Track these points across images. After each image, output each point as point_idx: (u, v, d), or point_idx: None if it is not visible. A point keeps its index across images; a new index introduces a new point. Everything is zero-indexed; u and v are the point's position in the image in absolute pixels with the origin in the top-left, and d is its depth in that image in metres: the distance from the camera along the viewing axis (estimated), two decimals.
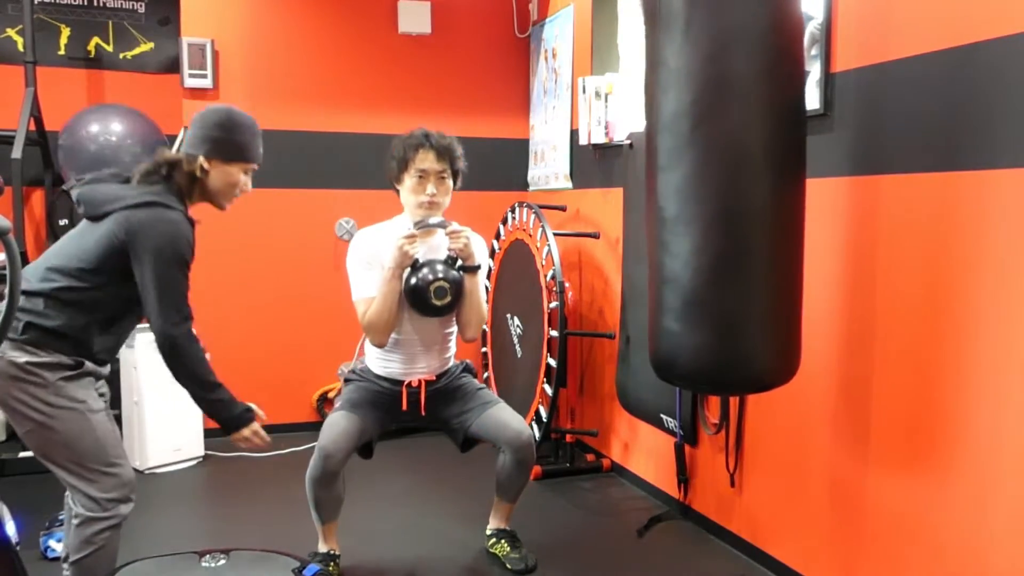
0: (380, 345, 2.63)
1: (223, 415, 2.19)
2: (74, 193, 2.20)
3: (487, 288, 4.14)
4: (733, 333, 1.99)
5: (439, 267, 2.57)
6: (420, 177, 2.60)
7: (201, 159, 2.18)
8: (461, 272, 2.61)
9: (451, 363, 2.79)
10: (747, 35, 1.91)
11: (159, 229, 2.03)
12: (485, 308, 2.75)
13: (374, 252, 2.62)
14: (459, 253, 2.60)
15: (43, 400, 2.00)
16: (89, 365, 2.09)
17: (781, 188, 1.98)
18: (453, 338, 2.77)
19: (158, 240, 2.03)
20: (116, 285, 2.07)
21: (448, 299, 2.56)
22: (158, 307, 2.03)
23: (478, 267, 2.66)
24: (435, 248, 2.66)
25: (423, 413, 2.71)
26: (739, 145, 1.93)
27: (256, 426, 2.26)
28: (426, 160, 2.60)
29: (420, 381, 2.69)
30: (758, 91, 1.93)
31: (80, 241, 2.10)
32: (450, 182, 2.66)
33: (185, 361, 2.09)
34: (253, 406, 2.28)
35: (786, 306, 2.04)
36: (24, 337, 2.00)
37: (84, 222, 2.15)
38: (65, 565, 2.13)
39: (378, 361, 2.70)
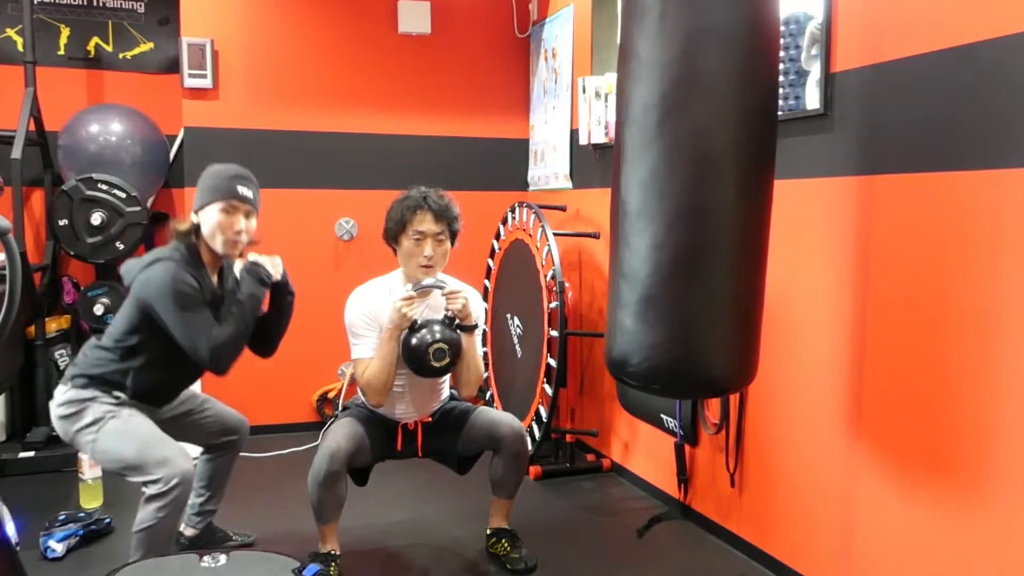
0: (378, 405, 2.65)
1: (256, 295, 2.42)
2: (121, 270, 2.48)
3: (487, 287, 4.14)
4: (688, 332, 1.93)
5: (437, 328, 2.56)
6: (418, 239, 2.60)
7: (192, 215, 2.44)
8: (459, 332, 2.61)
9: (444, 397, 2.83)
10: (721, 32, 1.87)
11: (156, 279, 2.29)
12: (482, 366, 2.76)
13: (372, 311, 2.64)
14: (457, 314, 2.61)
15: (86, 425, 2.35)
16: (125, 398, 2.41)
17: (746, 188, 1.93)
18: (447, 382, 2.81)
19: (158, 288, 2.28)
20: (148, 336, 2.36)
21: (447, 361, 2.56)
22: (186, 343, 2.29)
23: (475, 326, 2.68)
24: (432, 307, 2.67)
25: (420, 455, 2.78)
26: (706, 142, 1.89)
27: (265, 262, 2.48)
28: (424, 222, 2.60)
29: (416, 423, 2.74)
30: (728, 89, 1.89)
31: (122, 310, 2.43)
32: (448, 244, 2.67)
33: (233, 355, 2.36)
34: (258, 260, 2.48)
35: (745, 307, 1.98)
36: (71, 383, 2.38)
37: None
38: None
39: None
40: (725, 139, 1.90)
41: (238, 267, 2.50)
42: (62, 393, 2.40)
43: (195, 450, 2.66)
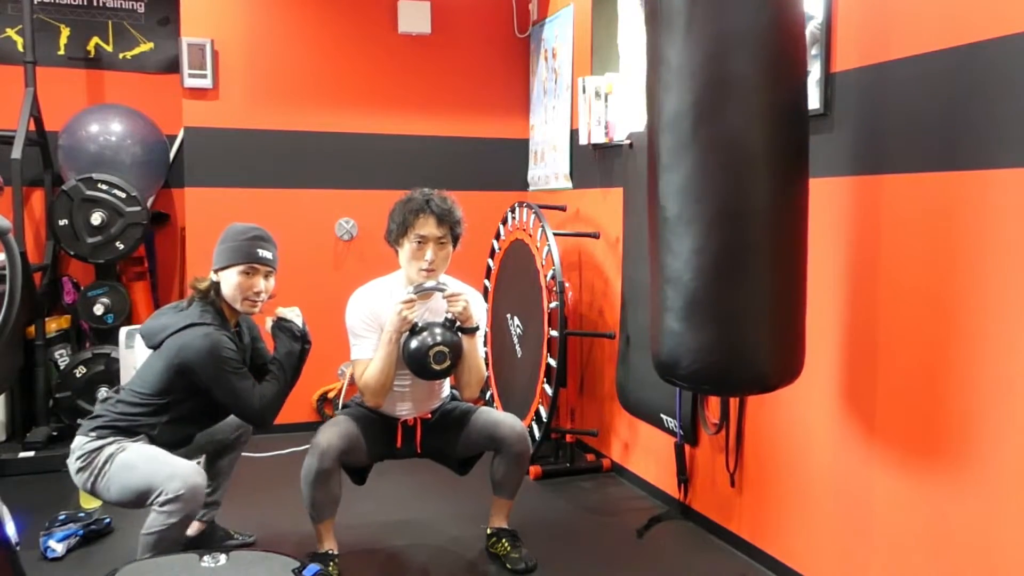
0: (376, 406, 2.65)
1: (301, 352, 2.63)
2: (139, 331, 2.57)
3: (487, 287, 4.14)
4: (735, 333, 1.98)
5: (438, 331, 2.56)
6: (420, 243, 2.60)
7: (212, 274, 2.50)
8: (459, 335, 2.61)
9: (444, 395, 2.83)
10: (748, 35, 1.91)
11: (196, 346, 2.35)
12: (484, 367, 2.75)
13: (374, 312, 2.64)
14: (458, 316, 2.61)
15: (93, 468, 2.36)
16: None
17: (782, 187, 1.98)
18: (447, 380, 2.81)
19: (199, 354, 2.34)
20: (182, 396, 2.41)
21: (447, 363, 2.56)
22: (235, 405, 2.42)
23: (476, 328, 2.67)
24: (433, 310, 2.67)
25: (419, 451, 2.77)
26: (740, 145, 1.93)
27: (289, 315, 2.65)
28: (426, 226, 2.59)
29: (416, 419, 2.74)
30: (759, 91, 1.93)
31: (148, 368, 2.46)
32: (450, 247, 2.66)
33: (278, 409, 2.51)
34: (286, 315, 2.64)
35: (789, 306, 2.04)
36: (92, 435, 2.37)
37: (151, 352, 2.50)
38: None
39: None
40: (759, 141, 1.94)
41: (269, 323, 2.63)
42: (81, 445, 2.37)
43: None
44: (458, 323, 2.61)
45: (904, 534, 2.17)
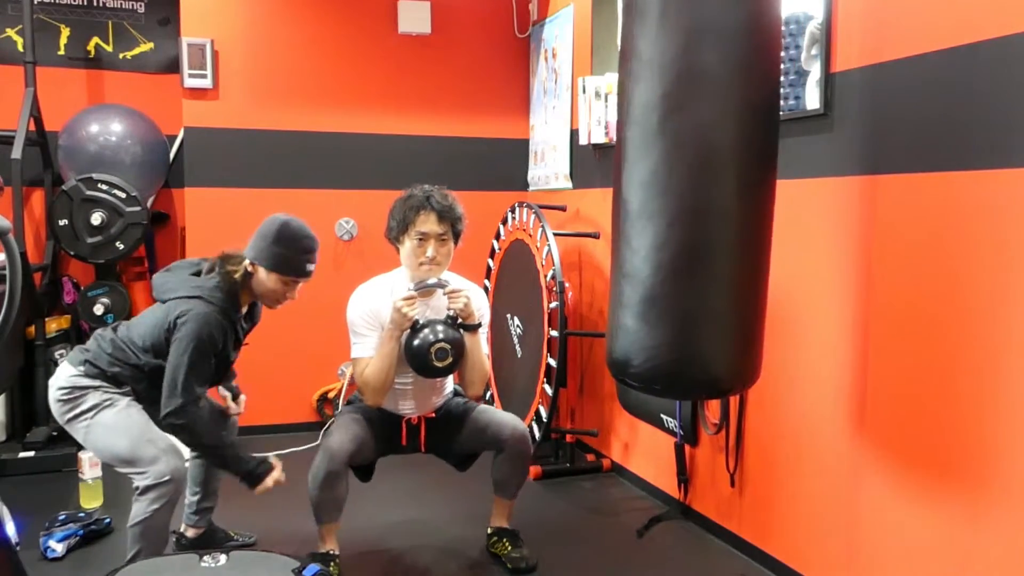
0: (376, 405, 2.63)
1: (241, 470, 2.42)
2: (153, 280, 2.54)
3: (487, 287, 4.14)
4: (691, 333, 1.92)
5: (439, 328, 2.54)
6: (420, 239, 2.58)
7: (247, 262, 2.44)
8: (462, 331, 2.59)
9: (447, 392, 2.82)
10: (722, 30, 1.86)
11: (189, 320, 2.31)
12: (487, 364, 2.73)
13: (374, 310, 2.62)
14: (459, 313, 2.59)
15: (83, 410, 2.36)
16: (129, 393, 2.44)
17: (748, 186, 1.93)
18: (450, 377, 2.79)
19: (187, 329, 2.30)
20: (163, 361, 2.36)
21: (449, 360, 2.54)
22: (170, 385, 2.31)
23: (479, 325, 2.65)
24: (435, 307, 2.65)
25: (423, 449, 2.76)
26: (707, 141, 1.88)
27: (275, 474, 2.46)
28: (427, 223, 2.57)
29: (419, 418, 2.73)
30: (730, 87, 1.88)
31: (146, 318, 2.45)
32: (451, 244, 2.64)
33: (194, 431, 2.35)
34: (270, 457, 2.51)
35: (748, 308, 1.97)
36: (81, 369, 2.38)
37: (156, 303, 2.48)
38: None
39: None
40: (726, 137, 1.89)
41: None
42: (66, 376, 2.39)
43: (187, 449, 2.66)
44: (460, 319, 2.60)
45: (903, 534, 2.17)
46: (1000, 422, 1.90)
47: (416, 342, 2.53)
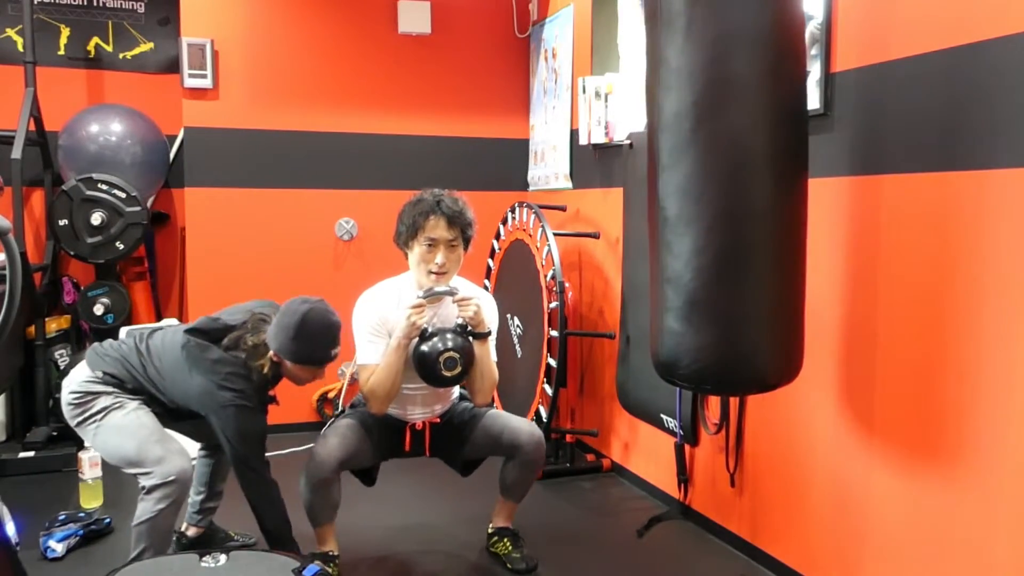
0: (380, 413, 2.58)
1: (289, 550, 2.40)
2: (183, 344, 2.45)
3: (487, 287, 4.14)
4: (735, 332, 1.99)
5: (449, 336, 2.49)
6: (430, 245, 2.52)
7: (271, 353, 2.42)
8: (471, 340, 2.54)
9: (454, 397, 2.79)
10: (749, 35, 1.91)
11: (232, 416, 2.36)
12: (496, 373, 2.67)
13: (381, 318, 2.57)
14: (469, 321, 2.54)
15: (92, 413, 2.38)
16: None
17: (782, 188, 1.99)
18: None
19: (234, 426, 2.37)
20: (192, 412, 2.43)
21: (459, 370, 2.49)
22: (240, 464, 2.40)
23: (488, 333, 2.60)
24: (443, 315, 2.60)
25: (428, 455, 2.74)
26: (740, 145, 1.94)
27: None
28: (437, 228, 2.51)
29: (425, 423, 2.70)
30: (760, 91, 1.93)
31: (173, 366, 2.41)
32: (461, 250, 2.58)
33: (264, 496, 2.44)
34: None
35: (788, 305, 2.04)
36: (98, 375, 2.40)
37: (182, 362, 2.41)
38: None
39: None
40: (759, 141, 1.94)
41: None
42: (81, 381, 2.39)
43: (194, 448, 2.67)
44: (469, 328, 2.55)
45: (903, 534, 2.17)
46: (1000, 422, 1.90)
47: (425, 350, 2.48)
